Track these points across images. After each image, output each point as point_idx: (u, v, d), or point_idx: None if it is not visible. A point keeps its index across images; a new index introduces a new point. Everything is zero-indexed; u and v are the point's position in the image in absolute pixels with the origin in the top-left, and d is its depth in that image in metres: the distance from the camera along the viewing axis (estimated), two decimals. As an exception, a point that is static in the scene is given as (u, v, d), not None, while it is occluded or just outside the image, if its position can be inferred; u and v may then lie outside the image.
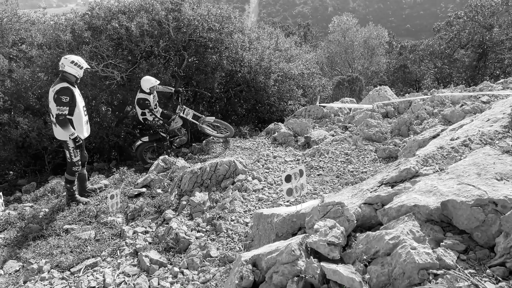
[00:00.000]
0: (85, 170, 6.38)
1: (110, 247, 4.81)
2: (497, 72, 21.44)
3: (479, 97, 6.92)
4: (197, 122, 8.82)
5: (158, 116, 8.52)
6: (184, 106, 8.86)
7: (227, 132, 8.81)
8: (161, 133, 8.61)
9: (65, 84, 5.74)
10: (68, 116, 5.76)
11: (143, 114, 8.39)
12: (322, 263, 2.80)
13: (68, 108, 5.69)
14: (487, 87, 7.95)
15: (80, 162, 6.02)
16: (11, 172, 10.48)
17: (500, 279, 2.31)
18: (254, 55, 11.75)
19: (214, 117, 8.95)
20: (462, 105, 6.61)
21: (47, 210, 5.89)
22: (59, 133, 5.84)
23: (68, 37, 10.04)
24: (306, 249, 2.96)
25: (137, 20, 10.00)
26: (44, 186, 6.74)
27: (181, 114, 8.76)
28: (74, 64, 5.86)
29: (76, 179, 6.15)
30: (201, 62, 11.06)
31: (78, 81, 6.03)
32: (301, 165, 4.04)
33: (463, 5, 24.81)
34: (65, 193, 6.31)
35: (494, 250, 2.52)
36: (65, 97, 5.65)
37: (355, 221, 3.08)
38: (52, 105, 5.73)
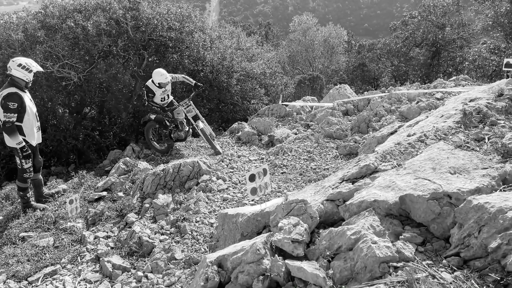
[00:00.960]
0: (40, 175, 6.13)
1: (70, 253, 4.65)
2: (450, 69, 22.40)
3: (434, 94, 7.21)
4: (194, 123, 8.03)
5: (156, 104, 7.97)
6: (191, 102, 8.07)
7: (217, 149, 7.90)
8: (165, 120, 8.17)
9: (12, 90, 5.43)
10: (17, 123, 5.48)
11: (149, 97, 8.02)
12: (287, 261, 2.83)
13: (16, 114, 5.39)
14: (440, 84, 8.29)
15: (31, 169, 5.74)
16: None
17: (455, 268, 2.42)
18: (216, 54, 11.69)
19: (211, 131, 8.31)
20: (417, 102, 6.86)
21: (1, 217, 5.63)
22: (7, 140, 5.57)
23: (20, 37, 9.61)
24: (271, 247, 2.98)
25: (93, 19, 9.71)
26: (-3, 192, 6.43)
27: (183, 108, 8.02)
28: (21, 68, 5.53)
29: (30, 186, 5.90)
30: (162, 62, 10.89)
31: (29, 85, 5.73)
32: (265, 164, 4.06)
33: (417, 5, 25.73)
34: (19, 200, 6.05)
35: (449, 241, 2.63)
36: (12, 103, 5.35)
37: (318, 218, 3.13)
38: None
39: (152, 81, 7.82)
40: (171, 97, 8.42)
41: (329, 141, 6.92)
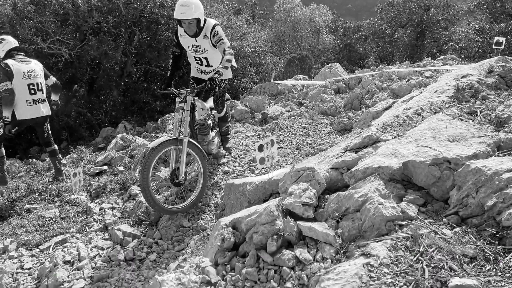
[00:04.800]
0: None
1: (78, 224, 4.79)
2: (434, 50, 22.80)
3: (423, 73, 7.46)
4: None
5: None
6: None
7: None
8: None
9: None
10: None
11: None
12: (298, 222, 3.05)
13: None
14: (429, 63, 8.56)
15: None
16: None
17: (455, 225, 2.68)
18: (207, 32, 11.67)
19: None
20: (408, 80, 7.10)
21: (4, 191, 5.69)
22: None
23: (8, 11, 9.44)
24: (282, 210, 3.19)
25: (84, -6, 9.60)
26: (-4, 167, 6.45)
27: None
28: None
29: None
30: (153, 39, 10.86)
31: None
32: (272, 135, 4.25)
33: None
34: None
35: (448, 202, 2.88)
36: None
37: (325, 184, 3.35)
38: None
39: None
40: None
41: (323, 117, 7.14)
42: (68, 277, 3.79)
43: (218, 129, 5.80)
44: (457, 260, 2.41)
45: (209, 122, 5.17)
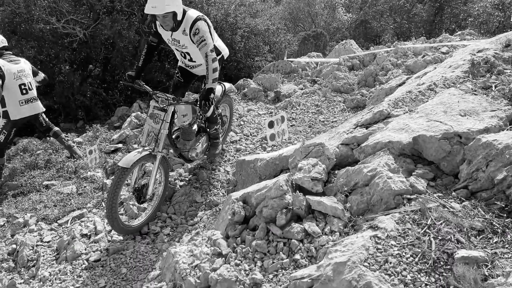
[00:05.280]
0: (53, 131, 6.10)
1: (94, 199, 4.93)
2: (453, 26, 22.16)
3: (439, 48, 7.31)
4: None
5: None
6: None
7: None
8: None
9: None
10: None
11: None
12: (307, 196, 3.09)
13: None
14: (446, 39, 8.36)
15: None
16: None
17: (464, 199, 2.68)
18: (220, 10, 11.59)
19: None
20: (423, 56, 6.97)
21: (23, 168, 5.86)
22: None
23: (23, -9, 9.50)
24: (291, 185, 3.23)
25: (97, -27, 9.59)
26: (16, 145, 6.63)
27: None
28: None
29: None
30: (166, 18, 10.80)
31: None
32: (283, 112, 4.25)
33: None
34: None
35: (458, 177, 2.88)
36: None
37: (335, 159, 3.37)
38: None
39: None
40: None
41: (336, 95, 7.09)
42: (85, 249, 3.94)
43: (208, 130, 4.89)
44: (465, 233, 2.42)
45: (195, 127, 4.57)
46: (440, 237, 2.40)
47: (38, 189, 5.33)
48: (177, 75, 4.81)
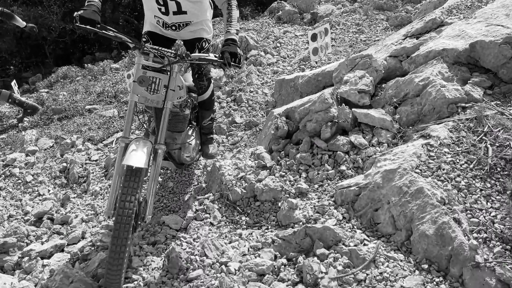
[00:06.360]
0: None
1: (136, 122, 5.01)
2: None
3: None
4: None
5: None
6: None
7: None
8: None
9: None
10: None
11: None
12: (353, 109, 3.00)
13: None
14: None
15: None
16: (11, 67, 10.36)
17: (524, 106, 2.52)
18: None
19: None
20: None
21: (65, 93, 6.00)
22: None
23: None
24: (336, 99, 3.14)
25: None
26: (56, 72, 6.74)
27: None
28: None
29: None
30: None
31: None
32: (326, 23, 4.00)
33: None
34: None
35: (518, 85, 2.69)
36: None
37: (383, 71, 3.21)
38: None
39: None
40: None
41: (378, 13, 6.68)
42: (132, 166, 4.06)
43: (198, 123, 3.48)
44: (525, 139, 2.30)
45: (187, 111, 2.97)
46: (497, 144, 2.29)
47: (81, 113, 5.47)
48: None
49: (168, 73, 2.45)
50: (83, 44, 10.36)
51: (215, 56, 2.46)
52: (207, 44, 3.01)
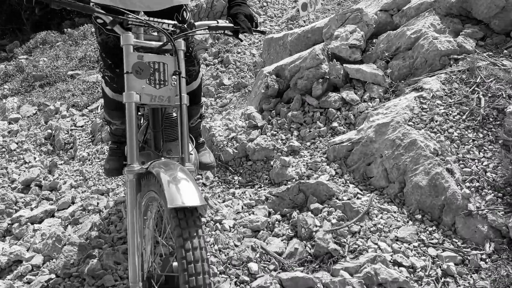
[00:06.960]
0: None
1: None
2: None
3: None
4: None
5: None
6: None
7: None
8: None
9: None
10: None
11: None
12: (344, 65, 2.95)
13: None
14: None
15: None
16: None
17: (516, 56, 2.50)
18: None
19: None
20: None
21: (46, 59, 5.80)
22: None
23: None
24: (327, 55, 3.07)
25: None
26: (34, 38, 6.49)
27: None
28: None
29: None
30: None
31: None
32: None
33: None
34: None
35: (510, 35, 2.66)
36: None
37: (374, 25, 3.14)
38: None
39: None
40: None
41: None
42: (119, 131, 3.98)
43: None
44: (517, 89, 2.29)
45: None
46: (490, 94, 2.29)
47: (63, 79, 5.31)
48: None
49: (172, 53, 1.62)
50: (60, 10, 9.94)
51: (226, 22, 1.79)
52: (188, 14, 2.05)
